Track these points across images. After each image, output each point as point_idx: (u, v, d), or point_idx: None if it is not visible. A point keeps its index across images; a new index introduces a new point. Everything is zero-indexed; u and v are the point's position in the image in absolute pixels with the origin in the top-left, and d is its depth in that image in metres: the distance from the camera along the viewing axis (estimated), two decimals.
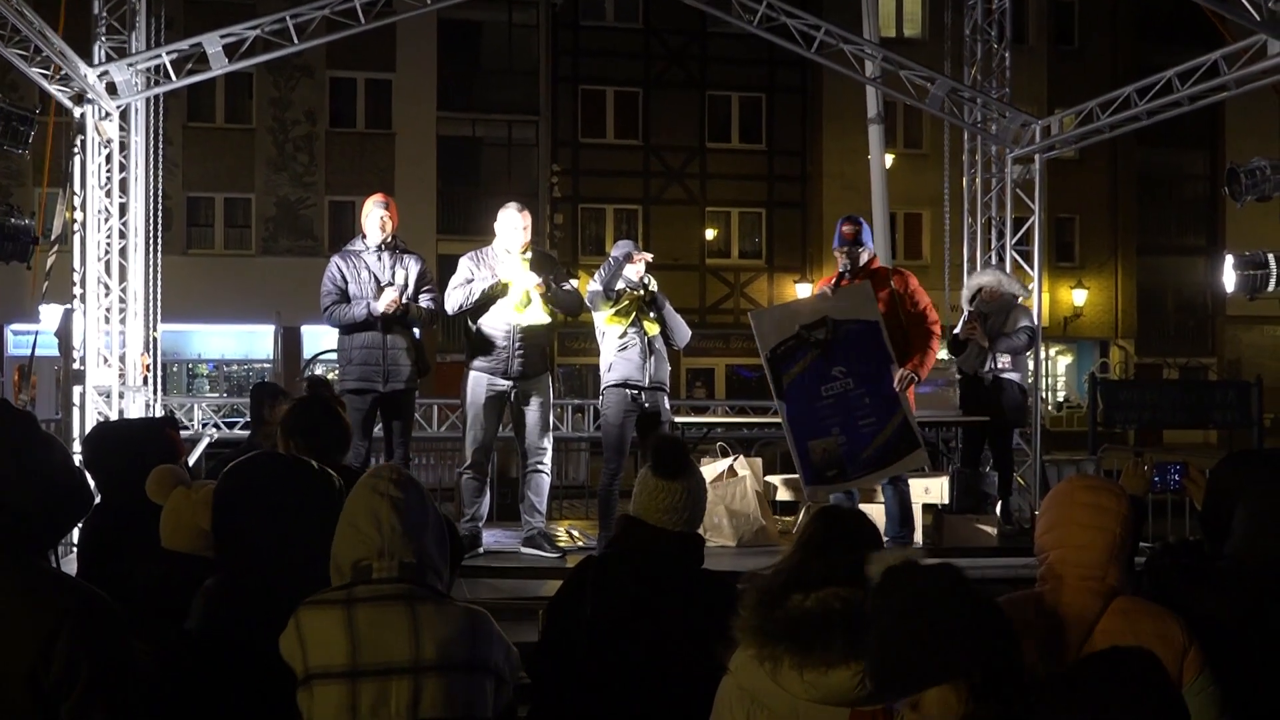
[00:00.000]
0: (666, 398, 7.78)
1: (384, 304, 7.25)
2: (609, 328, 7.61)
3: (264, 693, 2.82)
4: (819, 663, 2.59)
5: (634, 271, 7.59)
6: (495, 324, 7.47)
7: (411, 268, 7.54)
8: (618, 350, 7.59)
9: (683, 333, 7.78)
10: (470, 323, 7.59)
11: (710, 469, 8.22)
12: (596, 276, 7.61)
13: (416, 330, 7.69)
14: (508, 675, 2.91)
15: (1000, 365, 9.06)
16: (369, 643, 2.70)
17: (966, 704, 2.16)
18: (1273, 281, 7.79)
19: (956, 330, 9.21)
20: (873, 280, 7.70)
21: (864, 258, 7.76)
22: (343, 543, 2.82)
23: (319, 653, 2.71)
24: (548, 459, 7.74)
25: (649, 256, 7.73)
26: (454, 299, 7.52)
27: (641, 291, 7.56)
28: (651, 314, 7.57)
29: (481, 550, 7.65)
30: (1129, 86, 9.38)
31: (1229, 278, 8.01)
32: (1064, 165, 23.57)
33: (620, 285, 7.57)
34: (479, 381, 7.56)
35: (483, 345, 7.51)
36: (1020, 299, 9.52)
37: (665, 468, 3.40)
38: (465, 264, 7.63)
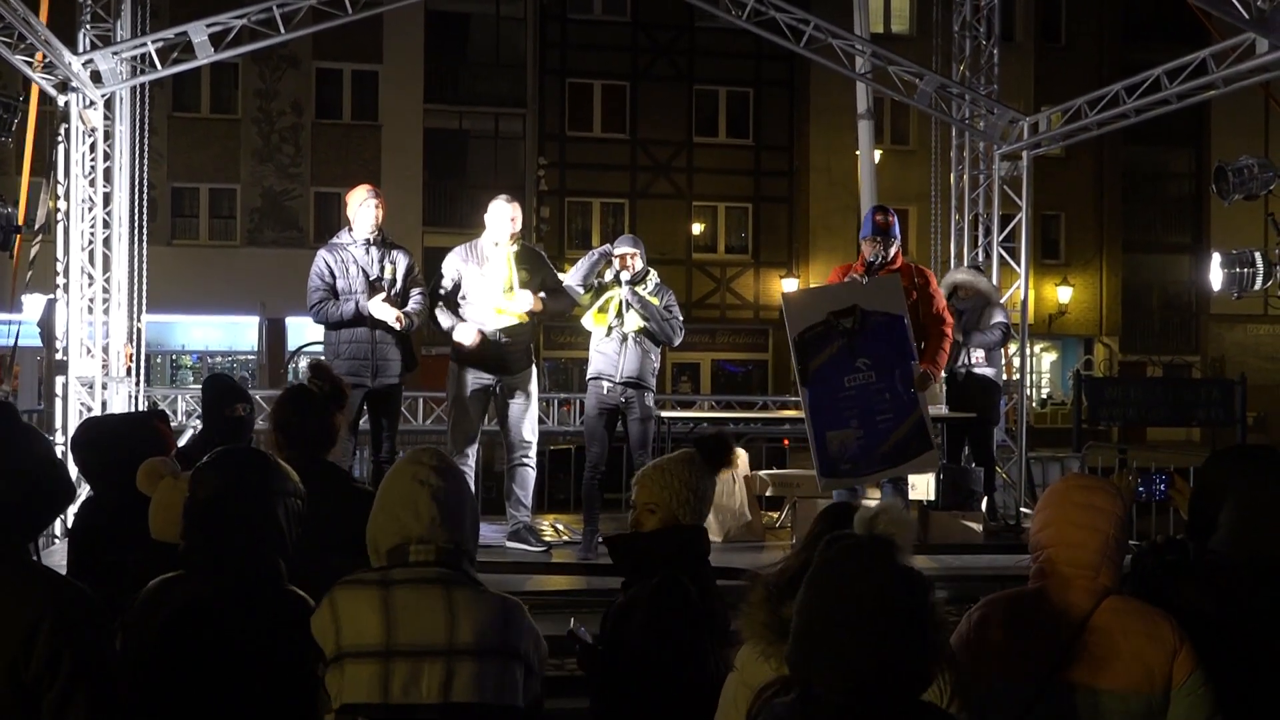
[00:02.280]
0: (650, 394, 7.70)
1: (377, 309, 7.22)
2: (592, 323, 7.59)
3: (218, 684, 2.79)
4: None
5: (613, 266, 7.54)
6: (480, 323, 7.46)
7: (400, 262, 7.51)
8: (596, 344, 7.60)
9: (667, 332, 7.59)
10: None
11: None
12: (575, 271, 7.57)
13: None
14: (536, 666, 2.92)
15: (974, 361, 9.09)
16: (404, 624, 2.72)
17: None
18: (1259, 280, 7.81)
19: None
20: (900, 274, 7.48)
21: (893, 250, 7.53)
22: (380, 528, 2.86)
23: (353, 631, 2.73)
24: (533, 453, 7.75)
25: (633, 252, 7.59)
26: (441, 319, 7.59)
27: (620, 285, 7.49)
28: (632, 309, 7.50)
29: None
30: (1117, 84, 9.39)
31: (1216, 276, 8.03)
32: (1050, 162, 23.61)
33: (608, 278, 7.54)
34: (464, 375, 7.55)
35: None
36: (994, 297, 9.54)
37: (717, 461, 3.53)
38: (453, 259, 7.62)
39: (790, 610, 2.63)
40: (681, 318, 7.75)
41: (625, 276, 7.50)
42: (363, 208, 7.46)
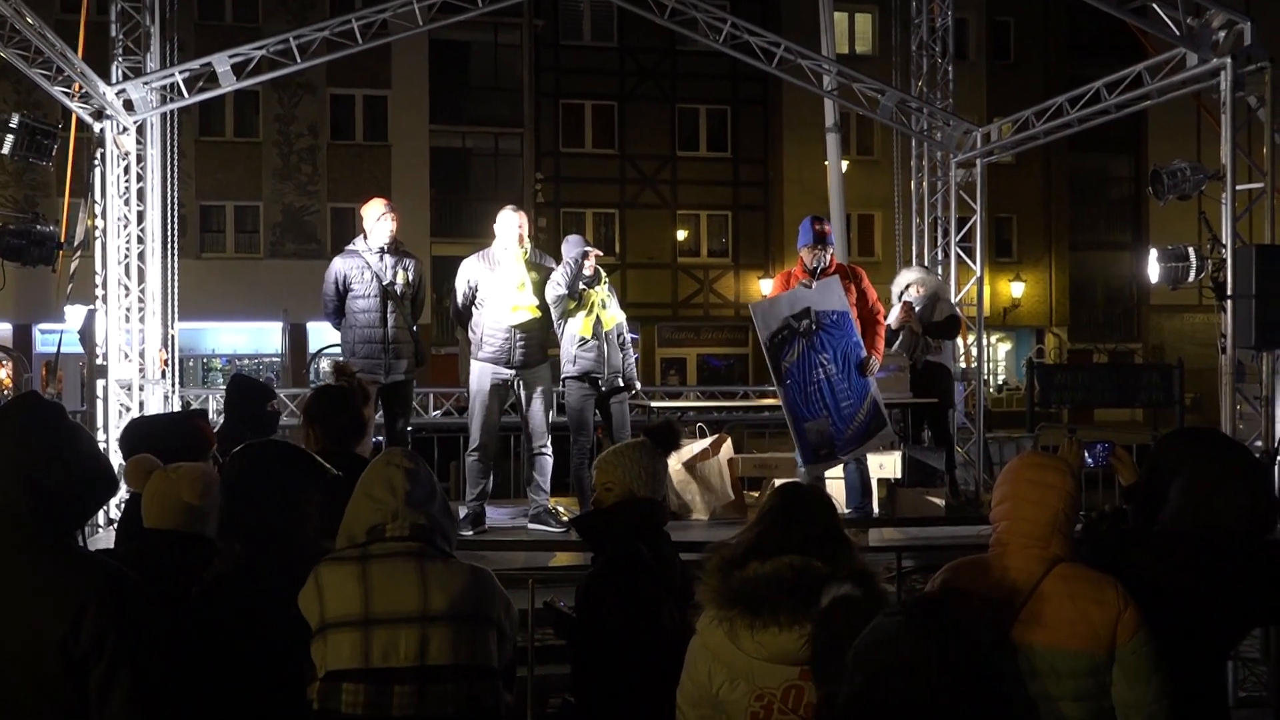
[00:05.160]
0: (622, 379, 7.81)
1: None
2: (574, 326, 7.54)
3: (266, 663, 2.79)
4: (768, 624, 2.59)
5: (587, 267, 7.57)
6: (496, 321, 7.47)
7: (411, 269, 7.58)
8: (579, 346, 7.55)
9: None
10: (472, 321, 7.61)
11: (688, 448, 8.24)
12: (559, 279, 7.51)
13: (415, 326, 7.68)
14: (509, 631, 2.91)
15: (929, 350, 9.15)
16: (381, 594, 2.71)
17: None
18: (1192, 273, 7.82)
19: (890, 320, 9.23)
20: (838, 275, 7.77)
21: (829, 254, 7.80)
22: (357, 512, 2.84)
23: (335, 604, 2.72)
24: (549, 442, 7.74)
25: (599, 252, 7.73)
26: (461, 318, 7.69)
27: (596, 286, 7.54)
28: (608, 306, 7.59)
29: (486, 526, 7.65)
30: (1061, 96, 9.40)
31: (1153, 270, 8.03)
32: (1002, 169, 23.66)
33: (580, 285, 7.53)
34: (484, 371, 7.55)
35: (487, 340, 7.52)
36: (943, 291, 9.62)
37: (666, 444, 3.59)
38: (467, 268, 7.61)
39: (737, 580, 2.67)
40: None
41: (589, 267, 7.53)
42: (381, 220, 7.48)
